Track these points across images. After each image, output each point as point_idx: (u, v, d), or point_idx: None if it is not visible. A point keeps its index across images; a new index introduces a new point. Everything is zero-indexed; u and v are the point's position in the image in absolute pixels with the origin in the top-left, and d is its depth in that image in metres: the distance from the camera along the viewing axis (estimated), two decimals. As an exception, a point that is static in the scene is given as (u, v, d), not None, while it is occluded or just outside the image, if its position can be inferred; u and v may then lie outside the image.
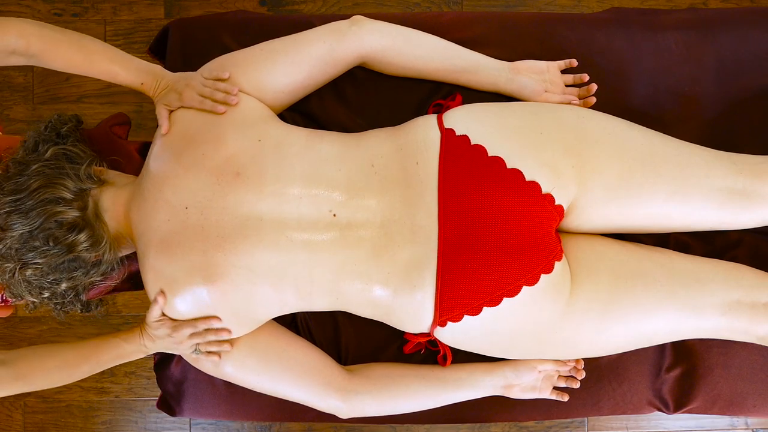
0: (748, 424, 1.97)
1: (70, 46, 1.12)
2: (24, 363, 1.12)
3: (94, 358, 1.16)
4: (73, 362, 1.15)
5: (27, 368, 1.12)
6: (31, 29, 1.09)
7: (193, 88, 1.15)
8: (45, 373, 1.13)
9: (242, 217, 1.09)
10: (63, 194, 1.08)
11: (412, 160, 1.12)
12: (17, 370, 1.11)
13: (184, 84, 1.16)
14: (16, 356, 1.13)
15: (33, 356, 1.14)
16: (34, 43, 1.09)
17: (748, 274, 1.17)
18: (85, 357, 1.16)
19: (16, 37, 1.07)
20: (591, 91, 1.25)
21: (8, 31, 1.07)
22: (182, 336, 1.14)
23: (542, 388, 1.26)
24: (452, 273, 1.08)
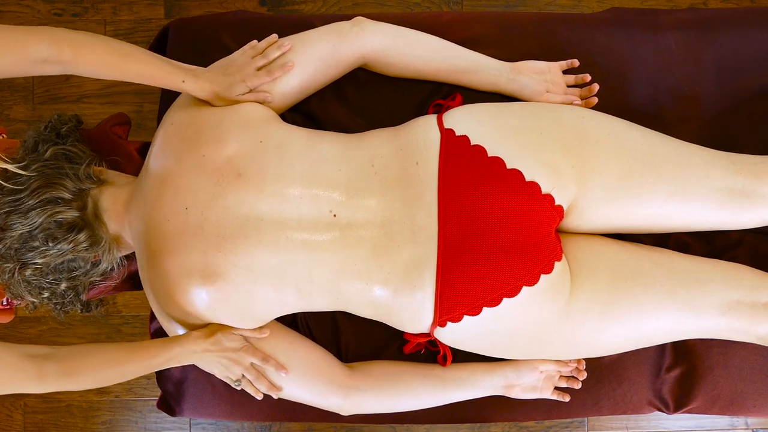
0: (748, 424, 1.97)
1: (103, 51, 1.08)
2: (72, 359, 1.08)
3: (144, 358, 1.12)
4: (121, 360, 1.11)
5: (76, 364, 1.08)
6: (62, 35, 1.06)
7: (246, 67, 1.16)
8: (93, 370, 1.09)
9: (242, 217, 1.09)
10: (62, 194, 1.08)
11: (412, 160, 1.12)
12: (66, 365, 1.07)
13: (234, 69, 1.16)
14: (64, 352, 1.09)
15: (81, 353, 1.10)
16: (65, 49, 1.05)
17: (748, 274, 1.17)
18: (134, 356, 1.12)
19: (47, 45, 1.03)
20: (593, 92, 1.25)
21: (39, 39, 1.03)
22: (245, 360, 1.16)
23: (543, 389, 1.26)
24: (452, 273, 1.08)
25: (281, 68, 1.17)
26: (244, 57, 1.19)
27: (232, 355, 1.15)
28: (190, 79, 1.14)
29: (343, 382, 1.21)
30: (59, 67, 1.07)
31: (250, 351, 1.17)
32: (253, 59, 1.18)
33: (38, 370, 1.04)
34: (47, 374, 1.05)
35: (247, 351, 1.16)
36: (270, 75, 1.17)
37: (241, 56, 1.19)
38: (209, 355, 1.14)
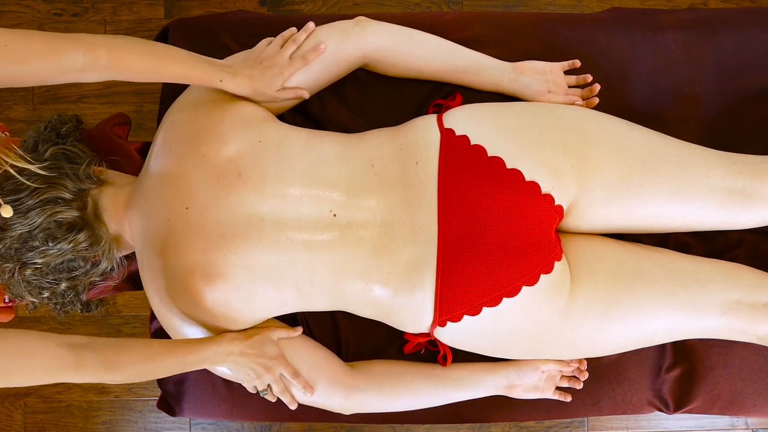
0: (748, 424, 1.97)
1: (139, 55, 1.08)
2: (110, 351, 1.06)
3: (180, 354, 1.10)
4: (158, 355, 1.09)
5: (114, 356, 1.06)
6: (99, 42, 1.04)
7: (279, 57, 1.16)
8: (131, 364, 1.07)
9: (243, 217, 1.09)
10: (62, 194, 1.08)
11: (412, 160, 1.12)
12: (104, 356, 1.05)
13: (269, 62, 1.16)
14: (102, 343, 1.07)
15: (118, 345, 1.08)
16: (102, 56, 1.04)
17: (748, 274, 1.17)
18: (171, 352, 1.10)
19: (83, 53, 1.02)
20: (594, 92, 1.25)
21: (76, 47, 1.02)
22: (276, 370, 1.15)
23: (545, 388, 1.26)
24: (452, 273, 1.08)
25: (314, 51, 1.18)
26: (273, 47, 1.19)
27: (267, 362, 1.15)
28: (228, 78, 1.14)
29: (345, 382, 1.21)
30: (97, 74, 1.06)
31: (284, 363, 1.17)
32: (284, 47, 1.18)
33: (76, 359, 1.02)
34: (85, 364, 1.03)
35: (281, 362, 1.16)
36: (304, 60, 1.18)
37: (271, 47, 1.19)
38: (244, 359, 1.14)
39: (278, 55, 1.17)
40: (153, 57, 1.08)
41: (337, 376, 1.21)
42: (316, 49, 1.18)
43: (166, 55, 1.10)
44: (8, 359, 0.97)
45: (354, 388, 1.21)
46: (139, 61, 1.07)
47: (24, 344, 0.99)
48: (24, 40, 0.98)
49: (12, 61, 0.97)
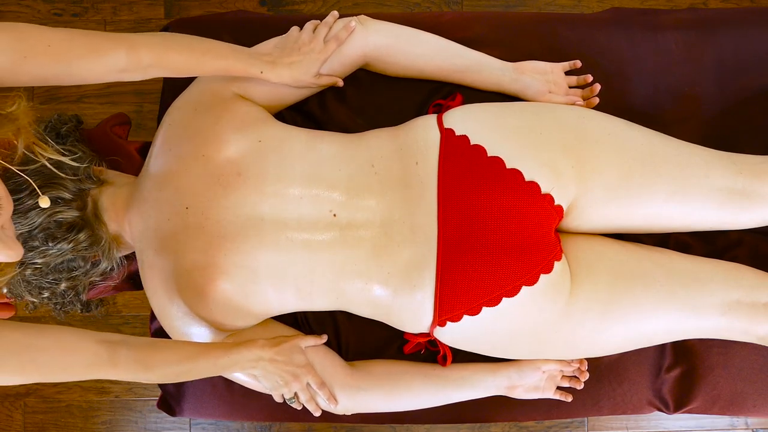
0: (748, 424, 1.97)
1: (181, 51, 1.08)
2: (145, 349, 1.06)
3: (213, 357, 1.10)
4: (191, 356, 1.08)
5: (149, 355, 1.05)
6: (140, 41, 1.05)
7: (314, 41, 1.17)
8: (165, 364, 1.06)
9: (243, 217, 1.09)
10: (62, 194, 1.08)
11: (412, 160, 1.12)
12: (140, 354, 1.05)
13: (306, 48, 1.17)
14: (137, 341, 1.07)
15: (153, 344, 1.07)
16: (144, 56, 1.04)
17: (748, 274, 1.17)
18: (204, 353, 1.09)
19: (125, 54, 1.02)
20: (594, 92, 1.25)
21: (117, 47, 1.02)
22: (304, 379, 1.16)
23: (545, 388, 1.26)
24: (452, 273, 1.08)
25: (345, 29, 1.19)
26: (306, 33, 1.20)
27: (295, 370, 1.16)
28: (267, 68, 1.15)
29: (346, 381, 1.21)
30: (139, 74, 1.06)
31: (312, 372, 1.18)
32: (316, 32, 1.19)
33: (111, 356, 1.02)
34: (121, 361, 1.03)
35: (309, 371, 1.17)
36: (338, 41, 1.19)
37: (304, 33, 1.20)
38: (273, 366, 1.14)
39: (313, 41, 1.18)
40: (195, 53, 1.09)
41: (339, 376, 1.21)
42: (348, 28, 1.19)
43: (208, 50, 1.11)
44: (46, 354, 0.97)
45: (355, 388, 1.21)
46: (181, 58, 1.08)
47: (61, 339, 0.99)
48: (67, 40, 0.98)
49: (55, 61, 0.97)
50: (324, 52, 1.18)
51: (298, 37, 1.19)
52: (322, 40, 1.18)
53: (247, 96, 1.18)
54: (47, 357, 0.97)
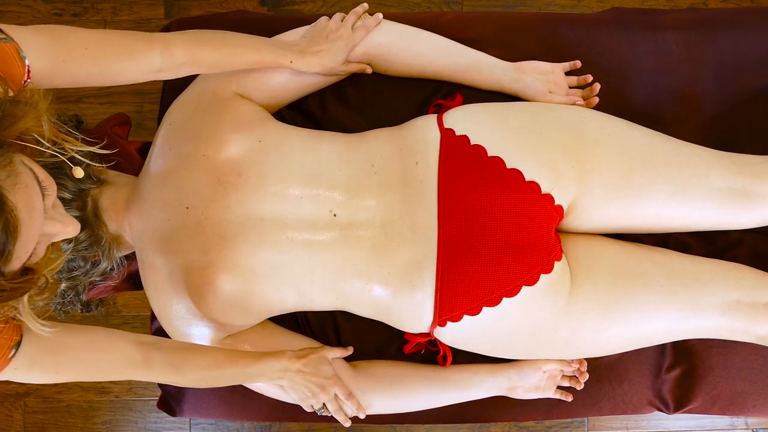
0: (748, 424, 1.97)
1: (214, 48, 1.09)
2: (178, 353, 1.07)
3: (242, 365, 1.11)
4: (222, 363, 1.09)
5: (181, 358, 1.06)
6: (174, 39, 1.05)
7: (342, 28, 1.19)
8: (197, 368, 1.07)
9: (243, 216, 1.09)
10: (62, 194, 1.08)
11: (412, 160, 1.12)
12: (172, 357, 1.06)
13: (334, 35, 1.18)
14: (170, 344, 1.08)
15: (185, 348, 1.09)
16: (178, 54, 1.05)
17: (748, 274, 1.17)
18: (234, 361, 1.10)
19: (160, 53, 1.03)
20: (594, 91, 1.25)
21: (152, 47, 1.02)
22: (331, 390, 1.17)
23: (546, 388, 1.26)
24: (452, 273, 1.08)
25: (374, 18, 1.21)
26: (334, 21, 1.21)
27: (323, 381, 1.16)
28: (297, 58, 1.16)
29: (350, 383, 1.21)
30: (173, 72, 1.07)
31: (339, 383, 1.19)
32: (345, 20, 1.20)
33: (144, 358, 1.03)
34: (154, 363, 1.04)
35: (336, 382, 1.18)
36: (366, 29, 1.20)
37: (332, 22, 1.21)
38: (300, 378, 1.15)
39: (341, 28, 1.19)
40: (227, 48, 1.10)
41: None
42: (376, 17, 1.20)
43: (241, 44, 1.12)
44: (80, 353, 0.98)
45: (358, 391, 1.21)
46: (214, 54, 1.09)
47: (95, 340, 1.00)
48: (104, 41, 0.98)
49: (92, 63, 0.97)
50: (352, 39, 1.19)
51: (326, 25, 1.20)
52: (350, 27, 1.20)
53: (246, 95, 1.18)
54: (81, 356, 0.98)
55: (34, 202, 0.73)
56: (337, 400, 1.20)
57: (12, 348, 0.88)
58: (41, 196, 0.75)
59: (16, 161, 0.73)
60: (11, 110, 0.74)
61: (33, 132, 0.80)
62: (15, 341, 0.89)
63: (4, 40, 0.87)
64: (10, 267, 0.72)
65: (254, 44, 1.13)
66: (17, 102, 0.76)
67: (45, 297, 0.85)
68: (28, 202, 0.72)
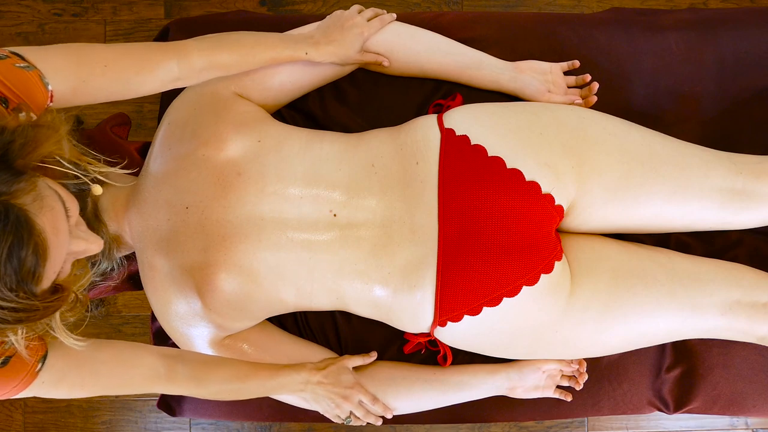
0: (748, 424, 1.97)
1: (231, 50, 1.09)
2: (201, 366, 1.08)
3: (263, 378, 1.12)
4: (243, 376, 1.10)
5: (204, 372, 1.07)
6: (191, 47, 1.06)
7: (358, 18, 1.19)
8: (219, 381, 1.08)
9: (243, 216, 1.09)
10: (62, 194, 1.08)
11: (412, 160, 1.12)
12: (195, 371, 1.07)
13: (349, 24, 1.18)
14: (192, 356, 1.09)
15: (207, 361, 1.10)
16: (196, 61, 1.05)
17: (748, 274, 1.17)
18: (255, 374, 1.11)
19: (177, 63, 1.03)
20: (593, 90, 1.25)
21: (168, 57, 1.03)
22: (355, 398, 1.18)
23: (545, 387, 1.26)
24: (452, 273, 1.08)
25: (390, 16, 1.22)
26: (351, 12, 1.21)
27: (344, 391, 1.17)
28: (312, 49, 1.16)
29: None
30: (193, 79, 1.08)
31: (362, 390, 1.19)
32: (361, 12, 1.21)
33: (169, 371, 1.04)
34: (177, 376, 1.05)
35: (359, 390, 1.18)
36: (382, 22, 1.21)
37: (348, 12, 1.21)
38: (321, 389, 1.16)
39: (357, 17, 1.20)
40: (244, 48, 1.11)
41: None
42: (391, 15, 1.22)
43: (256, 42, 1.12)
44: (106, 367, 0.98)
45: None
46: (232, 56, 1.09)
47: (121, 354, 1.01)
48: (122, 56, 0.99)
49: (112, 81, 0.98)
50: (368, 28, 1.19)
51: (342, 14, 1.21)
52: (366, 17, 1.20)
53: (245, 95, 1.18)
54: (107, 370, 0.98)
55: (59, 224, 0.75)
56: (362, 406, 1.21)
57: (39, 361, 0.89)
58: (66, 216, 0.76)
59: (40, 185, 0.74)
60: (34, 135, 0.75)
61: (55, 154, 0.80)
62: (40, 355, 0.89)
63: (27, 68, 0.87)
64: (42, 287, 0.73)
65: (269, 41, 1.14)
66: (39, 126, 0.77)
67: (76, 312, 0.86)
68: (55, 223, 0.74)
